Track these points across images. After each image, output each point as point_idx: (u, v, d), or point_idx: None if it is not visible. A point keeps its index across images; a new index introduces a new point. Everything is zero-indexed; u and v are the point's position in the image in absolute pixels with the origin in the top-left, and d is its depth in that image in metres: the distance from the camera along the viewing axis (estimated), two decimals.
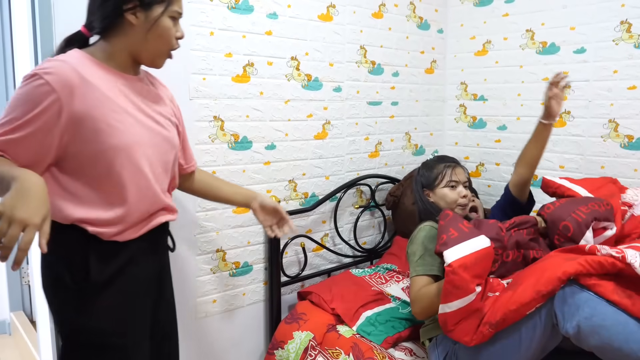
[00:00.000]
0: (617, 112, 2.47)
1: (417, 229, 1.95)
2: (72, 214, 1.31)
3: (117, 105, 1.33)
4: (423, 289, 1.76)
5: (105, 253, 1.35)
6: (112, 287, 1.37)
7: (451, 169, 2.01)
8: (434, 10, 3.01)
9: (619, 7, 2.42)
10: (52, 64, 1.25)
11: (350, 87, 2.61)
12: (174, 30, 1.40)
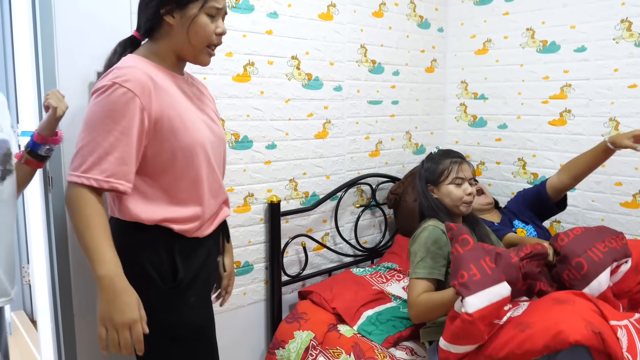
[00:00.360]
0: (617, 110, 2.47)
1: (421, 227, 1.93)
2: (155, 215, 1.36)
3: (183, 104, 1.40)
4: (423, 295, 1.75)
5: (189, 250, 1.42)
6: (196, 283, 1.43)
7: (457, 165, 1.95)
8: (434, 9, 3.01)
9: (619, 6, 2.42)
10: (124, 71, 1.29)
11: (351, 86, 2.61)
12: (213, 27, 1.41)
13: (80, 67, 1.69)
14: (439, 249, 1.81)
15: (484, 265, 1.54)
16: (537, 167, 2.78)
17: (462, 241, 1.61)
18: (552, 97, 2.69)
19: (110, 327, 1.20)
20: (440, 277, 1.79)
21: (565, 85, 2.64)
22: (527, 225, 2.32)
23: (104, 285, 1.21)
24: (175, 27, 1.38)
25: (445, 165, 1.97)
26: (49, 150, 1.50)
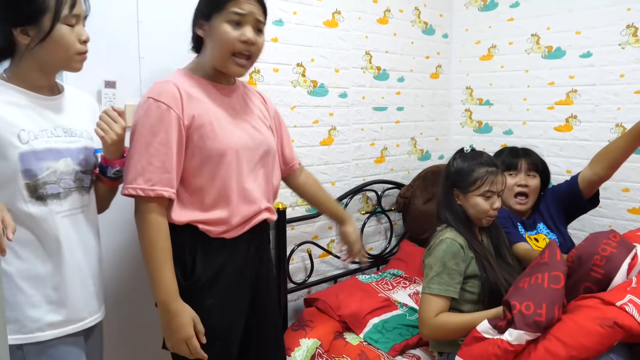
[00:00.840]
0: (624, 116, 2.46)
1: (438, 238, 1.80)
2: (184, 217, 1.44)
3: (215, 112, 1.47)
4: (441, 317, 1.69)
5: (210, 250, 1.48)
6: (216, 286, 1.48)
7: (493, 177, 1.79)
8: (438, 15, 3.01)
9: (625, 11, 2.42)
10: (158, 86, 1.42)
11: (356, 93, 2.61)
12: (236, 34, 1.43)
13: (88, 76, 1.67)
14: (456, 265, 1.73)
15: (554, 313, 1.50)
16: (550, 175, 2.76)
17: (553, 276, 1.55)
18: (558, 102, 2.68)
19: (171, 342, 1.41)
20: (455, 295, 1.72)
21: (571, 91, 2.63)
22: (552, 233, 2.22)
23: (162, 309, 1.40)
24: (207, 40, 1.48)
25: (479, 174, 1.80)
26: (117, 172, 1.43)
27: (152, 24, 1.79)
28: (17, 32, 1.25)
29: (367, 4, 2.60)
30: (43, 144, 1.28)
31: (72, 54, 1.31)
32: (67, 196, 1.33)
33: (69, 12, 1.27)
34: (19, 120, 1.25)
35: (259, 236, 1.62)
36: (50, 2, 1.25)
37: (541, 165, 2.26)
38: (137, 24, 1.78)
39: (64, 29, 1.27)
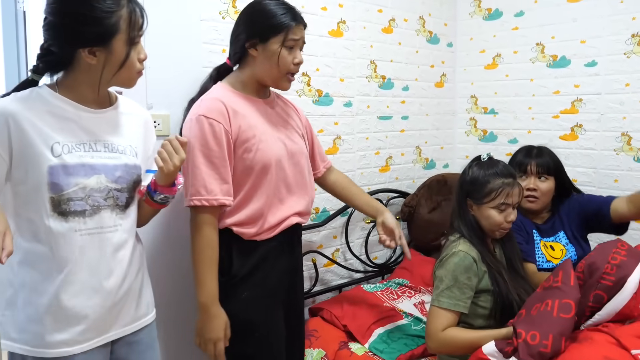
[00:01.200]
0: (629, 125, 2.45)
1: (451, 250, 1.75)
2: (225, 223, 1.59)
3: (257, 126, 1.59)
4: (448, 332, 1.67)
5: (244, 250, 1.61)
6: (250, 281, 1.61)
7: (509, 189, 1.73)
8: (443, 24, 3.02)
9: (630, 20, 2.42)
10: (207, 104, 1.55)
11: (361, 102, 2.61)
12: (291, 58, 1.60)
13: None
14: (468, 280, 1.69)
15: (560, 345, 1.47)
16: None
17: (564, 304, 1.51)
18: (563, 111, 2.68)
19: (201, 340, 1.55)
20: (464, 310, 1.69)
21: (576, 100, 2.63)
22: (570, 244, 2.13)
23: (202, 310, 1.54)
24: (258, 59, 1.60)
25: (495, 185, 1.74)
26: (164, 198, 1.44)
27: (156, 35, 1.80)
28: (85, 53, 1.25)
29: (372, 14, 2.61)
30: (76, 158, 1.26)
31: (132, 74, 1.34)
32: (95, 214, 1.30)
33: (137, 33, 1.29)
34: (56, 132, 1.25)
35: (289, 238, 1.73)
36: (122, 25, 1.25)
37: (554, 166, 2.13)
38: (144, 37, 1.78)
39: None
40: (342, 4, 2.46)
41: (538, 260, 2.08)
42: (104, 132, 1.34)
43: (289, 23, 1.57)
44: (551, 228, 2.16)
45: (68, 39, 1.24)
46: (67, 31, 1.23)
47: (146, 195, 1.44)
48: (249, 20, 1.61)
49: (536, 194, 2.10)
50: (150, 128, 1.50)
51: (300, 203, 1.73)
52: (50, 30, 1.26)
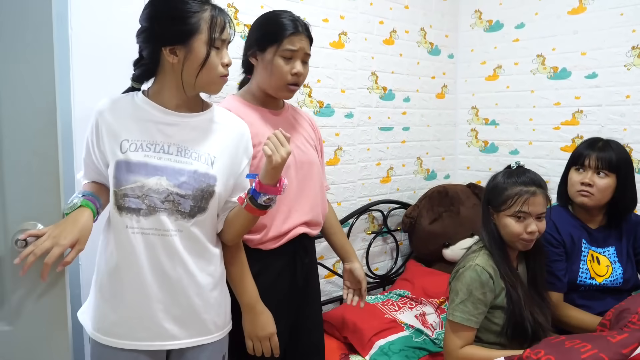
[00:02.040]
0: (630, 137, 2.45)
1: (468, 262, 1.72)
2: None
3: (263, 134, 1.56)
4: (467, 350, 1.67)
5: (248, 259, 1.54)
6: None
7: (528, 197, 1.66)
8: (444, 35, 3.03)
9: (630, 33, 2.43)
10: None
11: (362, 113, 2.62)
12: (288, 68, 1.58)
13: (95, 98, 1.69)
14: (483, 295, 1.67)
15: None
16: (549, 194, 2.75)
17: (598, 356, 1.41)
18: (564, 123, 2.69)
19: (255, 340, 1.53)
20: (475, 325, 1.67)
21: (577, 112, 2.63)
22: (617, 263, 2.01)
23: (248, 311, 1.52)
24: (258, 68, 1.63)
25: (513, 192, 1.68)
26: (269, 199, 1.37)
27: None
28: (166, 52, 1.30)
29: (374, 25, 2.62)
30: (140, 157, 1.30)
31: (214, 77, 1.35)
32: (150, 215, 1.30)
33: (219, 36, 1.32)
34: (129, 131, 1.32)
35: (295, 249, 1.69)
36: (203, 25, 1.29)
37: (618, 163, 1.93)
38: None
39: (212, 52, 1.32)
40: (343, 16, 2.47)
41: (581, 276, 1.96)
42: (184, 136, 1.35)
43: (284, 32, 1.57)
44: (604, 238, 2.03)
45: (152, 38, 1.32)
46: (152, 32, 1.31)
47: (247, 200, 1.37)
48: (251, 30, 1.65)
49: (591, 190, 1.94)
50: (245, 143, 1.46)
51: (308, 213, 1.70)
52: (141, 35, 1.34)
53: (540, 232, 1.71)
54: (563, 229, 1.99)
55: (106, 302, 1.36)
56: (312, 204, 1.72)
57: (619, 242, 2.03)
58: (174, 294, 1.35)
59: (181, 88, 1.34)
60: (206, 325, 1.40)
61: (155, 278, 1.33)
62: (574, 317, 1.92)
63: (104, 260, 1.37)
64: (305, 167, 1.69)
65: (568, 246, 1.99)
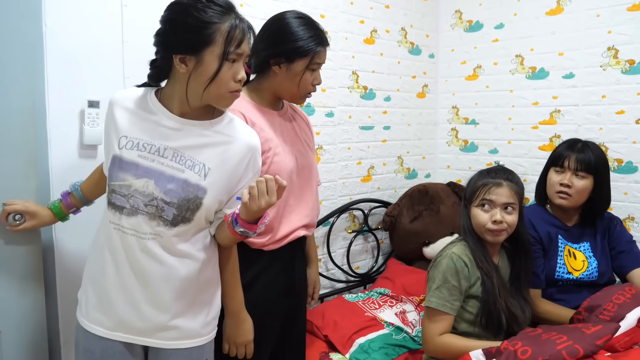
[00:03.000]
0: (606, 136, 2.49)
1: (445, 252, 1.79)
2: None
3: (273, 140, 1.60)
4: (445, 338, 1.70)
5: (247, 260, 1.59)
6: (252, 289, 1.59)
7: (492, 187, 1.73)
8: (425, 35, 3.05)
9: (606, 34, 2.46)
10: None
11: (343, 112, 2.62)
12: (312, 79, 1.62)
13: (71, 95, 1.69)
14: (458, 282, 1.71)
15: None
16: (527, 192, 2.75)
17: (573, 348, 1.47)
18: (542, 122, 2.72)
19: (232, 344, 1.56)
20: (451, 312, 1.71)
21: (555, 111, 2.67)
22: (593, 258, 2.07)
23: (233, 317, 1.54)
24: (280, 76, 1.61)
25: (480, 184, 1.76)
26: (244, 232, 1.34)
27: (137, 43, 1.79)
28: (176, 60, 1.26)
29: (354, 25, 2.63)
30: (133, 156, 1.30)
31: (224, 92, 1.30)
32: (131, 215, 1.30)
33: (234, 50, 1.26)
34: (130, 128, 1.32)
35: (293, 251, 1.74)
36: (218, 37, 1.23)
37: (596, 165, 1.99)
38: (122, 44, 1.78)
39: (224, 65, 1.26)
40: (324, 15, 2.48)
41: (559, 271, 2.02)
42: (183, 142, 1.32)
43: (317, 48, 1.58)
44: (579, 235, 2.09)
45: (165, 44, 1.29)
46: (166, 37, 1.28)
47: (230, 222, 1.36)
48: (275, 37, 1.60)
49: (569, 191, 1.99)
50: (253, 160, 1.41)
51: (308, 216, 1.75)
52: (156, 37, 1.31)
53: (509, 224, 1.73)
54: (540, 227, 2.05)
55: (90, 282, 1.39)
56: (311, 206, 1.77)
57: (594, 238, 2.10)
58: (152, 293, 1.34)
59: (189, 97, 1.30)
60: (183, 329, 1.38)
61: (135, 275, 1.33)
62: (550, 312, 1.96)
63: (95, 242, 1.41)
64: (306, 171, 1.73)
65: (545, 243, 2.05)
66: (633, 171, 2.45)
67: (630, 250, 2.08)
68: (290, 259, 1.74)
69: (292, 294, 1.77)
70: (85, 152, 1.74)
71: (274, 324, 1.71)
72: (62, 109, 1.68)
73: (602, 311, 1.72)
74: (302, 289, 1.87)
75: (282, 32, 1.59)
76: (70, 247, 1.73)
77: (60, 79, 1.67)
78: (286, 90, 1.64)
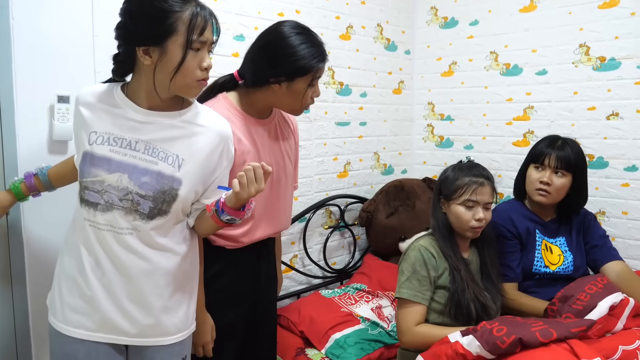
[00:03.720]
0: (578, 132, 2.53)
1: (412, 245, 1.84)
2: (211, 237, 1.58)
3: (250, 152, 1.57)
4: (421, 328, 1.73)
5: (209, 256, 1.57)
6: (212, 286, 1.58)
7: (476, 187, 1.79)
8: (401, 32, 3.06)
9: (578, 31, 2.50)
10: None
11: (318, 108, 2.62)
12: (311, 93, 1.59)
13: (40, 90, 1.66)
14: (426, 272, 1.76)
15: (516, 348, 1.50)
16: (502, 187, 2.82)
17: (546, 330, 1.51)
18: (516, 118, 2.75)
19: (193, 344, 1.53)
20: (424, 302, 1.74)
21: (528, 107, 2.70)
22: (568, 252, 2.10)
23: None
24: (280, 93, 1.56)
25: (463, 182, 1.80)
26: (231, 219, 1.35)
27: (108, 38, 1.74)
28: (140, 52, 1.24)
29: (330, 20, 2.63)
30: (104, 151, 1.28)
31: (190, 81, 1.28)
32: (106, 211, 1.28)
33: (197, 38, 1.24)
34: (99, 124, 1.30)
35: (259, 248, 1.72)
36: (180, 26, 1.22)
37: (575, 162, 2.01)
38: (93, 38, 1.75)
39: (189, 54, 1.24)
40: (299, 10, 2.47)
41: (536, 265, 2.05)
42: (154, 135, 1.31)
43: (318, 65, 1.54)
44: (555, 230, 2.12)
45: (127, 36, 1.26)
46: (127, 29, 1.25)
47: (213, 211, 1.35)
48: (276, 56, 1.52)
49: (549, 189, 2.01)
50: (226, 148, 1.41)
51: (277, 225, 1.75)
52: (117, 31, 1.28)
53: (487, 220, 1.81)
54: (519, 222, 2.08)
55: (66, 283, 1.35)
56: (281, 215, 1.75)
57: (569, 233, 2.13)
58: (135, 289, 1.33)
59: (156, 89, 1.28)
60: (165, 325, 1.38)
61: (117, 270, 1.31)
62: (525, 304, 1.99)
63: (69, 241, 1.37)
64: (282, 181, 1.71)
65: (523, 237, 2.08)
66: (604, 166, 2.49)
67: (603, 244, 2.13)
68: (255, 257, 1.72)
69: (258, 291, 1.74)
70: (55, 147, 1.71)
71: (237, 322, 1.68)
72: (31, 104, 1.65)
73: (575, 301, 1.76)
74: (270, 286, 1.84)
75: (283, 51, 1.51)
76: (41, 240, 1.70)
77: (29, 73, 1.64)
78: (286, 105, 1.61)
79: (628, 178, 2.45)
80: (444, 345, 1.58)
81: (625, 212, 2.47)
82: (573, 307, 1.75)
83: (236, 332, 1.69)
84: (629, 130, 2.41)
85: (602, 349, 1.54)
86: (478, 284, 1.81)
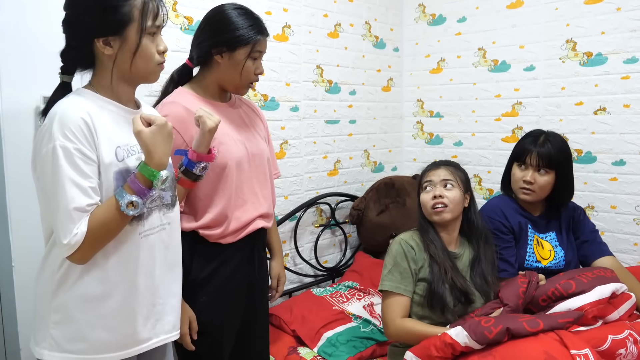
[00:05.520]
0: (565, 127, 2.55)
1: (394, 240, 1.88)
2: (190, 225, 1.59)
3: (217, 130, 1.53)
4: (406, 322, 1.74)
5: (206, 254, 1.62)
6: (209, 284, 1.62)
7: (429, 168, 1.89)
8: (389, 29, 3.06)
9: (564, 27, 2.52)
10: (165, 108, 1.57)
11: (308, 107, 2.61)
12: (254, 68, 1.63)
13: (25, 90, 1.64)
14: (407, 264, 1.78)
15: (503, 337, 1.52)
16: (492, 183, 2.84)
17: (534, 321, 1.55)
18: (504, 114, 2.76)
19: None
20: (406, 293, 1.76)
21: (517, 103, 2.71)
22: (559, 247, 2.09)
23: None
24: (223, 65, 1.61)
25: (422, 173, 1.92)
26: (203, 169, 1.44)
27: None
28: (100, 43, 1.23)
29: (318, 18, 2.62)
30: (135, 161, 1.26)
31: (152, 66, 1.30)
32: (149, 217, 1.29)
33: (152, 23, 1.26)
34: (116, 136, 1.25)
35: (253, 243, 1.73)
36: (135, 13, 1.23)
37: (557, 158, 2.00)
38: None
39: (146, 39, 1.26)
40: (286, 8, 2.46)
41: (528, 260, 2.05)
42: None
43: (257, 37, 1.60)
44: (545, 224, 2.12)
45: (84, 30, 1.24)
46: (83, 22, 1.23)
47: (181, 173, 1.43)
48: (216, 27, 1.61)
49: (532, 187, 2.01)
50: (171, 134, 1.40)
51: (264, 205, 1.74)
52: (68, 25, 1.26)
53: (450, 199, 1.80)
54: (511, 217, 2.07)
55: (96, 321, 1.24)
56: (265, 195, 1.75)
57: (559, 228, 2.13)
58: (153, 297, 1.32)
59: (127, 81, 1.30)
60: (171, 324, 1.40)
61: (167, 269, 1.36)
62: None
63: (89, 278, 1.23)
64: (257, 159, 1.72)
65: (516, 232, 2.07)
66: (592, 161, 2.51)
67: (594, 239, 2.13)
68: (250, 253, 1.72)
69: (253, 288, 1.75)
70: None
71: (234, 320, 1.70)
72: (15, 105, 1.63)
73: (581, 273, 1.82)
74: (264, 283, 1.85)
75: (222, 22, 1.61)
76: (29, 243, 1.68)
77: (13, 74, 1.62)
78: (229, 80, 1.64)
79: (616, 172, 2.46)
80: (432, 337, 1.59)
81: (614, 207, 2.49)
82: (577, 278, 1.79)
83: (230, 332, 1.68)
84: (617, 125, 2.43)
85: (591, 338, 1.56)
86: (461, 275, 1.81)
